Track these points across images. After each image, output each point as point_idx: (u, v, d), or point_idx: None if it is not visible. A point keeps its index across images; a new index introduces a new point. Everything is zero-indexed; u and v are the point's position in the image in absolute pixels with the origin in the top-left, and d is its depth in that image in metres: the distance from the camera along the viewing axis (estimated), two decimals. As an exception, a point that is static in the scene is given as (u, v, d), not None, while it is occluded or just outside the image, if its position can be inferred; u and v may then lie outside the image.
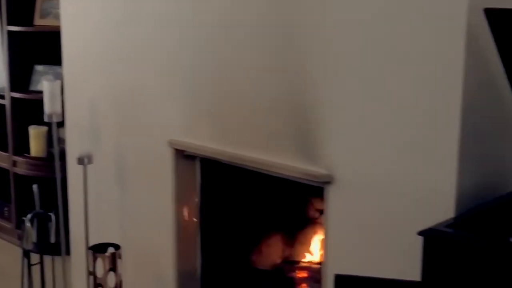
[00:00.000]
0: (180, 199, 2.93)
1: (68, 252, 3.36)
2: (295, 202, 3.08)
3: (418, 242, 1.69)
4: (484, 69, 2.06)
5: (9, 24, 4.14)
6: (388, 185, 2.21)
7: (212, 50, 2.70)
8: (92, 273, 2.86)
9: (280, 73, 2.49)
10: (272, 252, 3.14)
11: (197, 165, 2.96)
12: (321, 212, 2.61)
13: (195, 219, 2.98)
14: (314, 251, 3.07)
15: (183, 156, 2.89)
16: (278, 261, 3.14)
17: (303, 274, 3.00)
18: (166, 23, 2.84)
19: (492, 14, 1.78)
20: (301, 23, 2.40)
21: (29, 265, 3.12)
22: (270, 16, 2.49)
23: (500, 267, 1.57)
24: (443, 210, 1.96)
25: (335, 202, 2.38)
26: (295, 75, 2.44)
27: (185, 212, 2.96)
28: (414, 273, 1.70)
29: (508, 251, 1.58)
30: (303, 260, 3.11)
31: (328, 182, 2.38)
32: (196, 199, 2.97)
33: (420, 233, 1.69)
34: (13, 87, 4.24)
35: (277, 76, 2.50)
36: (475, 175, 2.08)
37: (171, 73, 2.86)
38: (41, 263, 3.15)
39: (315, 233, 3.05)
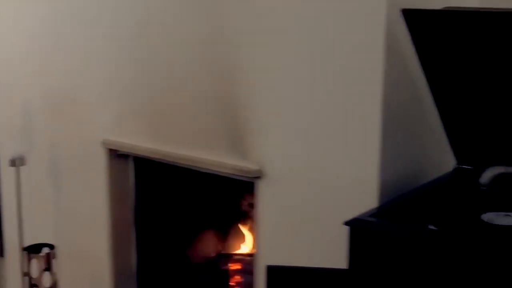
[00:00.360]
0: (114, 198, 2.91)
1: (2, 254, 3.31)
2: (228, 197, 3.10)
3: (344, 232, 1.73)
4: (403, 66, 2.11)
5: None
6: (315, 178, 2.25)
7: (141, 50, 2.69)
8: (27, 274, 2.83)
9: (209, 71, 2.49)
10: (207, 246, 3.16)
11: (131, 164, 2.95)
12: (253, 206, 2.63)
13: (129, 217, 2.98)
14: (247, 244, 3.10)
15: (116, 155, 2.87)
16: (213, 255, 3.16)
17: (236, 266, 3.02)
18: (95, 22, 2.80)
19: (409, 14, 1.83)
20: (229, 18, 2.40)
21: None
22: (198, 14, 2.49)
23: (421, 253, 1.62)
24: (367, 200, 2.00)
25: (265, 196, 2.41)
26: (224, 74, 2.45)
27: (120, 211, 2.95)
28: (341, 262, 1.74)
29: (428, 238, 1.64)
30: (236, 253, 3.13)
31: (258, 177, 2.40)
32: (131, 198, 2.97)
33: (346, 223, 1.72)
34: None
35: (206, 74, 2.50)
36: (396, 167, 2.14)
37: (102, 73, 2.83)
38: (-24, 265, 3.11)
39: (247, 226, 3.08)
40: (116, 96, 2.81)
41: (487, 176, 1.96)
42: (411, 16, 1.83)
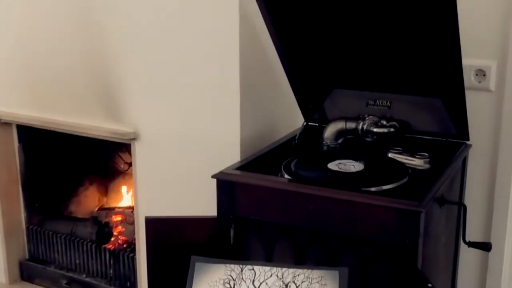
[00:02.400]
0: (0, 164, 2.84)
1: None
2: (107, 158, 3.09)
3: (213, 184, 1.78)
4: (256, 40, 2.16)
5: None
6: (185, 138, 2.28)
7: (18, 21, 2.60)
8: None
9: (83, 40, 2.45)
10: (89, 202, 3.14)
11: (14, 131, 2.88)
12: (130, 164, 2.65)
13: (15, 179, 2.91)
14: (126, 198, 3.11)
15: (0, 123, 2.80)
16: (95, 209, 3.15)
17: (118, 218, 3.03)
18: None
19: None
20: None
21: None
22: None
23: (278, 198, 1.70)
24: (231, 156, 2.06)
25: (141, 155, 2.43)
26: (96, 43, 2.41)
27: (6, 175, 2.88)
28: (210, 210, 1.79)
29: (283, 185, 1.72)
30: (117, 206, 3.14)
31: (133, 139, 2.41)
32: (17, 162, 2.90)
33: (213, 176, 1.77)
34: None
35: (80, 44, 2.46)
36: (253, 127, 2.21)
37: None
38: None
39: (126, 182, 3.09)
40: (-4, 68, 2.71)
41: (329, 131, 2.07)
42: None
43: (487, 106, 2.13)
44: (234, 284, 1.53)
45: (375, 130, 2.00)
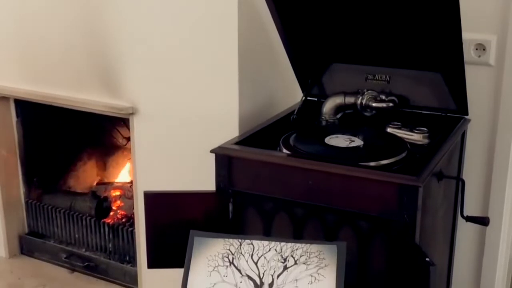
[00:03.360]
0: (-2, 138, 2.85)
1: None
2: (105, 132, 3.08)
3: (211, 159, 1.78)
4: (255, 14, 2.15)
5: None
6: (183, 113, 2.27)
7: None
8: None
9: (80, 13, 2.42)
10: (88, 177, 3.15)
11: (12, 106, 2.87)
12: (129, 139, 2.64)
13: (14, 154, 2.91)
14: (125, 172, 3.12)
15: (-3, 98, 2.79)
16: (94, 184, 3.15)
17: (116, 193, 3.04)
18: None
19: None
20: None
21: None
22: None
23: (277, 173, 1.71)
24: (229, 131, 2.05)
25: (139, 130, 2.42)
26: (94, 16, 2.39)
27: (4, 149, 2.88)
28: (209, 185, 1.79)
29: (282, 159, 1.72)
30: (116, 181, 3.14)
31: (132, 113, 2.41)
32: (15, 136, 2.90)
33: (212, 150, 1.77)
34: None
35: (77, 17, 2.44)
36: (251, 103, 2.20)
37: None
38: None
39: (125, 157, 3.09)
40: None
41: (328, 106, 2.07)
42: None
43: (487, 80, 2.12)
44: (232, 259, 1.54)
45: (374, 104, 1.99)
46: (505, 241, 2.27)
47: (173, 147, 2.34)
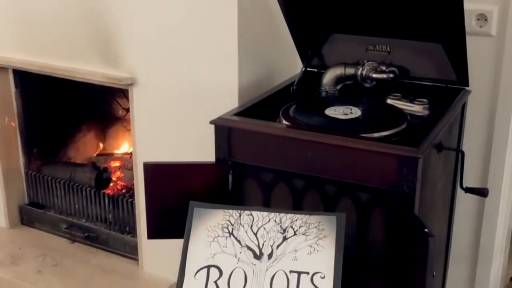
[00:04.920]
0: (-3, 108, 2.83)
1: None
2: (105, 103, 3.08)
3: (211, 130, 1.77)
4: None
5: None
6: (183, 84, 2.27)
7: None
8: None
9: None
10: (87, 148, 3.15)
11: (11, 76, 2.86)
12: (128, 110, 2.64)
13: (13, 124, 2.91)
14: (124, 143, 3.12)
15: (-4, 68, 2.78)
16: (93, 155, 3.16)
17: (116, 164, 3.04)
18: None
19: None
20: None
21: None
22: None
23: (276, 144, 1.70)
24: (229, 102, 2.05)
25: (138, 101, 2.42)
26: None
27: (3, 119, 2.88)
28: (208, 156, 1.79)
29: (282, 131, 1.72)
30: (116, 152, 3.15)
31: (131, 84, 2.40)
32: (13, 107, 2.89)
33: (211, 121, 1.76)
34: None
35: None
36: (251, 74, 2.19)
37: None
38: None
39: (124, 128, 3.09)
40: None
41: (328, 77, 2.06)
42: None
43: (488, 51, 2.11)
44: (232, 229, 1.54)
45: (374, 76, 1.99)
46: (503, 212, 2.28)
47: (172, 118, 2.34)
